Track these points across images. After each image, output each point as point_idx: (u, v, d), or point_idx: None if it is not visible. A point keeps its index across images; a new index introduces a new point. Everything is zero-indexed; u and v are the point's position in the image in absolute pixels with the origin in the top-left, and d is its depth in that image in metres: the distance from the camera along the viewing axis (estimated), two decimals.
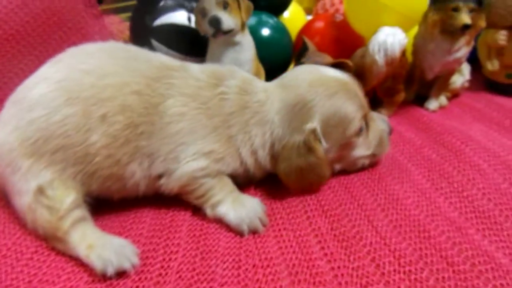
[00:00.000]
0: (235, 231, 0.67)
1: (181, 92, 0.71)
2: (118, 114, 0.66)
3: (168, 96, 0.70)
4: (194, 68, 0.76)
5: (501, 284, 0.53)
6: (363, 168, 0.83)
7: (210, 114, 0.71)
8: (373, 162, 0.83)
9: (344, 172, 0.82)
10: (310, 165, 0.71)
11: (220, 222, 0.69)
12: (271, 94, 0.75)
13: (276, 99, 0.74)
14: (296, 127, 0.71)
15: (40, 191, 0.61)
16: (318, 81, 0.73)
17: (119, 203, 0.73)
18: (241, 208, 0.67)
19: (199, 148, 0.69)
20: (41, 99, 0.64)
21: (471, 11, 0.98)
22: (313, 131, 0.70)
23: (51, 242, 0.62)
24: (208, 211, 0.70)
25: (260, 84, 0.79)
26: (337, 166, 0.80)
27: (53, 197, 0.61)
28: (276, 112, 0.73)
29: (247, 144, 0.73)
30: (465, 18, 0.97)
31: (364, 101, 0.77)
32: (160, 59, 0.75)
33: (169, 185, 0.70)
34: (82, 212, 0.63)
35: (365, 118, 0.77)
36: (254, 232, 0.66)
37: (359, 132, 0.75)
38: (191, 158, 0.69)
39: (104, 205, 0.71)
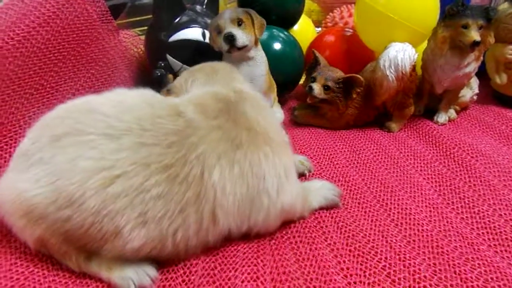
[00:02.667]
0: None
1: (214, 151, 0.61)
2: (137, 227, 0.57)
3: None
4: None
5: None
6: None
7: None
8: None
9: (358, 186, 0.85)
10: None
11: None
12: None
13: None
14: None
15: (40, 241, 0.59)
16: None
17: None
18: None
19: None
20: (36, 200, 0.55)
21: (480, 28, 1.00)
22: None
23: None
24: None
25: (231, 82, 0.74)
26: None
27: (55, 244, 0.59)
28: None
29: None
30: (474, 35, 0.98)
31: None
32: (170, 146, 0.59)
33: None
34: None
35: None
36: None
37: None
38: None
39: None
